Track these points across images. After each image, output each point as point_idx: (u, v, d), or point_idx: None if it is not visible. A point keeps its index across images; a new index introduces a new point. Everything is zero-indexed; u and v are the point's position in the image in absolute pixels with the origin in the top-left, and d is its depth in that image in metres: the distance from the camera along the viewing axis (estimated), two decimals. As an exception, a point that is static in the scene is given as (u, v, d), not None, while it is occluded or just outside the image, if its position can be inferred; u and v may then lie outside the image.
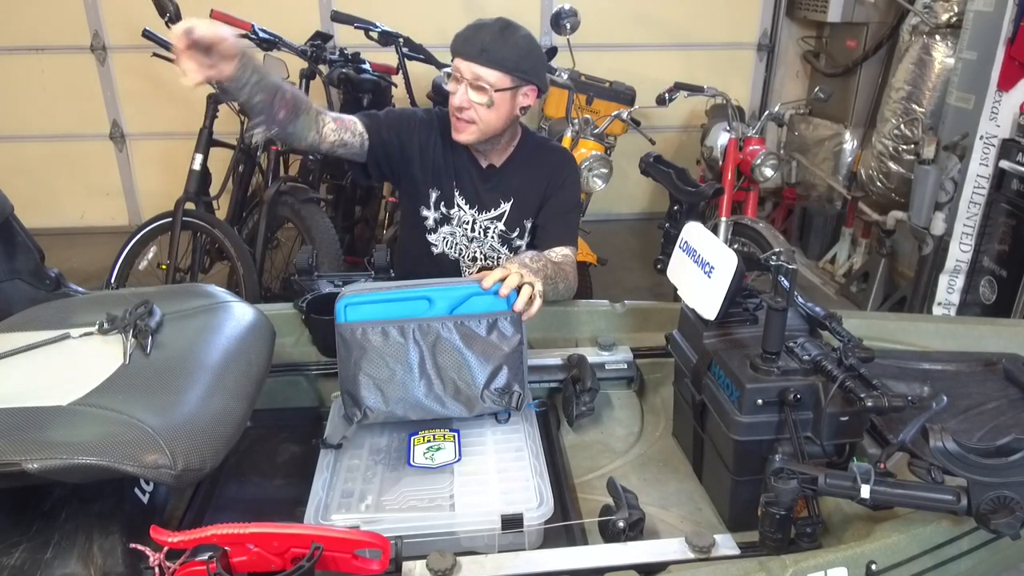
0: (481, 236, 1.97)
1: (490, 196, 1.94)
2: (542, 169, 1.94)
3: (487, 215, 1.95)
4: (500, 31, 1.74)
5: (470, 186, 1.93)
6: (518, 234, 1.97)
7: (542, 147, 1.98)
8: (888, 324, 1.75)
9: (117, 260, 3.00)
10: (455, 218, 1.95)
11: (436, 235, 1.97)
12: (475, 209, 1.94)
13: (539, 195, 1.94)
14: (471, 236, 1.97)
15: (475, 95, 1.75)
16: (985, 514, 1.04)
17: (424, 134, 1.89)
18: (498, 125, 1.81)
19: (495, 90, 1.74)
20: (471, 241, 1.97)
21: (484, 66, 1.73)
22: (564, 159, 2.00)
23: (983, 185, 2.92)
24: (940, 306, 3.13)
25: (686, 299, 1.42)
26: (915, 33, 3.50)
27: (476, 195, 1.93)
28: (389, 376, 1.42)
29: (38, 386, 1.18)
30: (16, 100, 4.59)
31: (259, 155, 3.38)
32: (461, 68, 1.75)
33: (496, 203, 1.94)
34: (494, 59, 1.73)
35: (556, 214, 1.94)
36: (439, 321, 1.43)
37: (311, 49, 3.36)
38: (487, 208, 1.94)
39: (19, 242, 1.66)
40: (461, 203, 1.93)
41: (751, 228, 3.15)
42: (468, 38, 1.74)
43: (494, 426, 1.49)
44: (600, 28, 4.48)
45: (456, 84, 1.77)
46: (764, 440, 1.23)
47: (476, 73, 1.73)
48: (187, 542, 0.98)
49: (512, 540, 1.22)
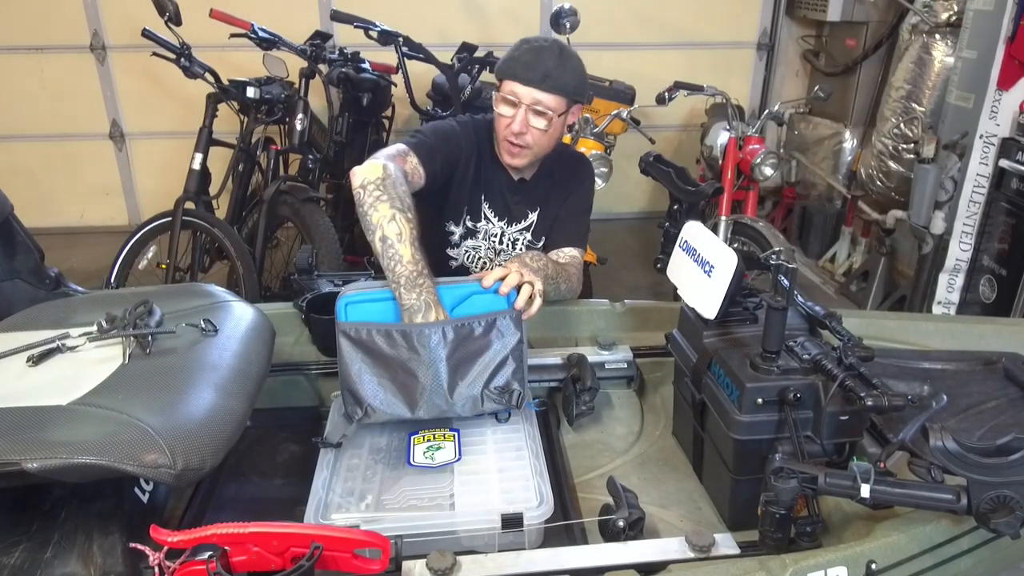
0: (509, 248, 1.96)
1: (519, 208, 1.93)
2: (563, 175, 1.94)
3: (516, 227, 1.94)
4: (560, 56, 1.72)
5: (500, 199, 1.91)
6: (543, 244, 1.96)
7: (563, 155, 1.97)
8: (888, 323, 1.75)
9: (117, 260, 3.00)
10: (481, 231, 1.93)
11: (459, 249, 1.95)
12: (504, 221, 1.93)
13: (561, 202, 1.94)
14: (498, 249, 1.96)
15: (535, 120, 1.73)
16: (985, 513, 1.04)
17: (466, 154, 1.83)
18: (549, 146, 1.82)
19: (556, 115, 1.73)
20: (497, 254, 1.97)
21: (547, 92, 1.70)
22: (582, 164, 1.99)
23: (983, 184, 2.92)
24: (940, 305, 3.13)
25: (686, 298, 1.42)
26: (915, 32, 3.50)
27: (506, 207, 1.92)
28: (389, 375, 1.42)
29: (38, 385, 1.18)
30: (15, 99, 4.59)
31: (259, 154, 3.38)
32: (519, 93, 1.71)
33: (524, 215, 1.94)
34: (557, 85, 1.71)
35: (568, 215, 1.93)
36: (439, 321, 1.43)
37: (311, 48, 3.35)
38: (517, 220, 1.94)
39: (19, 242, 1.66)
40: (490, 216, 1.92)
41: (751, 227, 3.15)
42: (529, 63, 1.69)
43: (494, 425, 1.49)
44: (600, 27, 4.48)
45: (512, 108, 1.73)
46: (764, 439, 1.23)
47: (536, 99, 1.71)
48: (187, 541, 0.98)
49: (512, 539, 1.22)
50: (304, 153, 3.38)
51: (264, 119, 3.27)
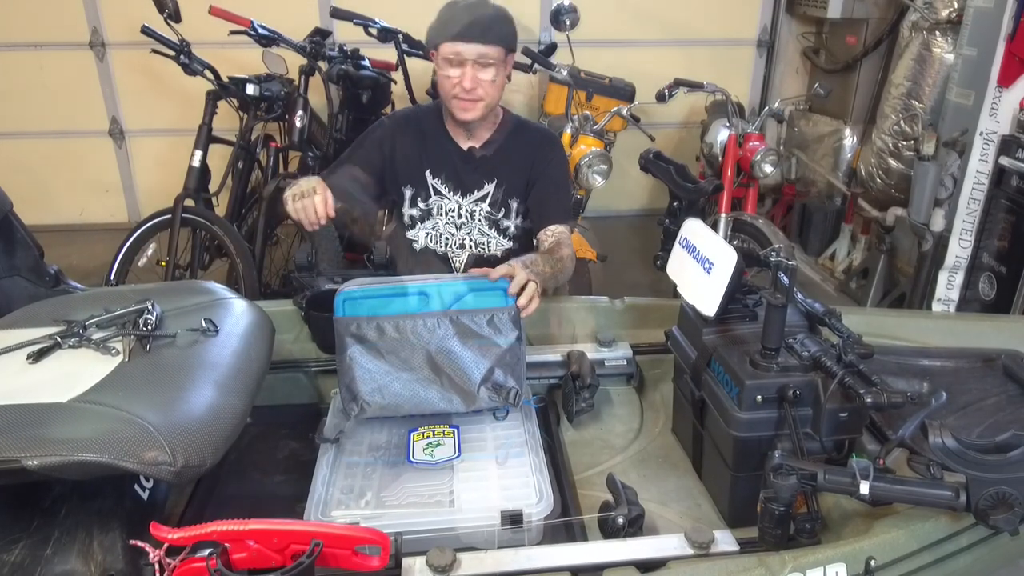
0: (468, 220, 1.97)
1: (473, 178, 1.94)
2: (525, 149, 1.95)
3: (471, 198, 1.95)
4: (493, 9, 1.79)
5: (451, 171, 1.93)
6: (504, 214, 1.97)
7: (524, 127, 1.99)
8: (887, 320, 1.76)
9: (116, 257, 3.00)
10: (435, 208, 1.96)
11: (415, 231, 1.98)
12: (459, 194, 1.95)
13: (524, 175, 1.94)
14: (458, 223, 1.97)
15: (483, 73, 1.78)
16: (984, 510, 1.04)
17: (390, 143, 1.92)
18: (498, 95, 1.86)
19: (499, 64, 1.79)
20: (459, 228, 1.98)
21: (489, 45, 1.76)
22: (546, 138, 2.00)
23: (983, 182, 2.92)
24: (939, 302, 3.13)
25: (686, 295, 1.42)
26: (915, 29, 3.49)
27: (458, 179, 1.94)
28: (386, 370, 1.42)
29: (38, 383, 1.18)
30: (15, 97, 4.58)
31: (258, 152, 3.37)
32: (463, 51, 1.76)
33: (480, 184, 1.94)
34: (497, 37, 1.77)
35: (547, 193, 1.94)
36: (436, 316, 1.43)
37: (310, 45, 3.35)
38: (470, 191, 1.95)
39: (18, 239, 1.67)
40: (444, 191, 1.94)
41: (751, 224, 3.15)
42: (467, 22, 1.76)
43: (494, 422, 1.49)
44: (600, 24, 4.47)
45: (459, 68, 1.78)
46: (763, 436, 1.23)
47: (481, 52, 1.76)
48: (187, 538, 0.98)
49: (512, 536, 1.22)
50: (304, 150, 3.37)
51: (264, 116, 3.26)
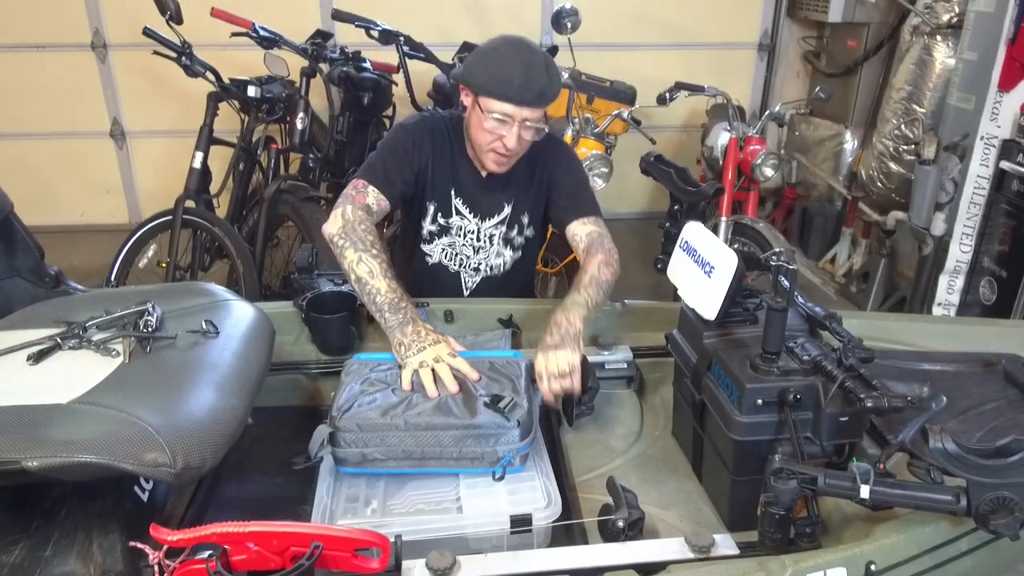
0: (487, 245, 1.96)
1: (492, 202, 1.93)
2: (533, 161, 1.91)
3: (490, 222, 1.94)
4: (546, 69, 1.70)
5: (471, 194, 1.91)
6: (517, 231, 1.97)
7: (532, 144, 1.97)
8: (888, 324, 1.76)
9: (117, 258, 3.00)
10: (454, 227, 1.93)
11: (431, 246, 1.96)
12: (478, 217, 1.93)
13: (536, 187, 1.93)
14: (476, 246, 1.96)
15: (528, 133, 1.73)
16: (984, 515, 1.04)
17: (423, 153, 1.84)
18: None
19: (544, 119, 1.75)
20: (476, 252, 1.97)
21: (540, 108, 1.71)
22: (550, 142, 1.93)
23: (983, 186, 2.92)
24: (940, 306, 3.13)
25: (686, 299, 1.41)
26: (916, 33, 3.50)
27: (477, 202, 1.92)
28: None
29: (38, 384, 1.18)
30: (16, 98, 4.59)
31: (259, 153, 3.38)
32: (512, 113, 1.69)
33: (499, 207, 1.94)
34: (548, 100, 1.72)
35: (567, 192, 1.90)
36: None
37: (312, 47, 3.35)
38: (490, 215, 1.94)
39: (19, 240, 1.67)
40: (464, 211, 1.92)
41: (751, 228, 3.15)
42: (523, 85, 1.67)
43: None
44: (601, 27, 4.47)
45: (506, 127, 1.71)
46: (764, 440, 1.23)
47: (534, 116, 1.71)
48: (187, 540, 0.98)
49: (519, 541, 1.22)
50: (305, 152, 3.38)
51: (265, 118, 3.27)
